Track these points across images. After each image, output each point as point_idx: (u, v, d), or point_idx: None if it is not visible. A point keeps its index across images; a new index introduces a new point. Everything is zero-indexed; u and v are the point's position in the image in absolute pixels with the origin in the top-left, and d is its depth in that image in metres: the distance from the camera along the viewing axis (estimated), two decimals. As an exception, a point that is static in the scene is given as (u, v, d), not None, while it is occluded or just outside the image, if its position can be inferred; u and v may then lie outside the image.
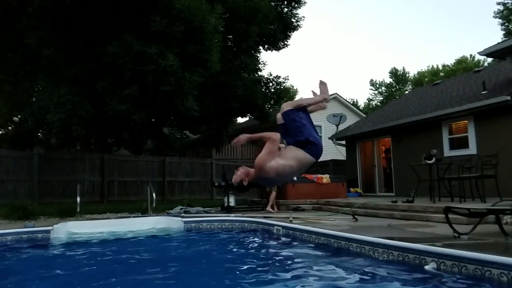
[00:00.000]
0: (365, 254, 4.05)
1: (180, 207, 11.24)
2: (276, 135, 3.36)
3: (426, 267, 3.29)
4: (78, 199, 8.72)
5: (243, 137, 3.46)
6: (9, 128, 21.89)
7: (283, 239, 5.53)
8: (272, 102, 17.65)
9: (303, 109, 3.47)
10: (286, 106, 3.52)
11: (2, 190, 11.70)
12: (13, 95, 15.00)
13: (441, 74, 43.18)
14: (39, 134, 18.94)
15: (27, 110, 12.59)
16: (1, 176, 11.77)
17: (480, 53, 11.27)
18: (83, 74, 11.76)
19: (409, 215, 7.93)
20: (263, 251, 5.15)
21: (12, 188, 11.85)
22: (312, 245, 4.75)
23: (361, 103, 50.31)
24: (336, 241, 4.57)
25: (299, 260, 4.15)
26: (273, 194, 10.80)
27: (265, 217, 7.47)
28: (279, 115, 3.60)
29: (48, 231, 6.18)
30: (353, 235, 4.48)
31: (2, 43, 12.56)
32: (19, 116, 19.16)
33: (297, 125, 3.35)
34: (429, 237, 5.09)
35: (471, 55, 43.16)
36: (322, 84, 3.74)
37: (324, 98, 3.66)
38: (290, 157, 3.28)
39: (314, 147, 3.32)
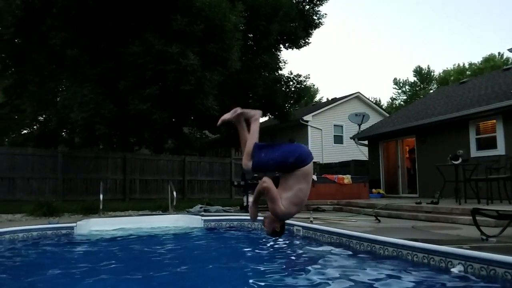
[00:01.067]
0: (388, 255, 3.93)
1: (200, 205, 11.27)
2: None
3: (453, 269, 3.17)
4: (101, 196, 8.87)
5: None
6: (35, 127, 22.53)
7: (303, 239, 5.46)
8: (292, 101, 17.47)
9: (257, 148, 3.02)
10: (245, 165, 3.05)
11: (27, 187, 12.01)
12: (38, 95, 15.40)
13: (468, 72, 42.01)
14: (63, 133, 19.42)
15: (52, 110, 12.89)
16: (26, 173, 12.07)
17: (509, 50, 10.88)
18: (106, 74, 11.95)
19: (434, 216, 7.68)
20: (282, 250, 5.08)
21: (37, 186, 12.15)
22: (333, 246, 4.66)
23: (384, 103, 49.58)
24: (358, 243, 4.47)
25: (319, 261, 4.06)
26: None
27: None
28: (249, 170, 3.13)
29: (72, 227, 6.38)
30: (376, 236, 4.36)
31: (27, 44, 12.88)
32: (44, 116, 19.69)
33: (269, 163, 2.95)
34: (455, 239, 4.90)
35: (499, 53, 41.87)
36: (240, 114, 3.19)
37: (254, 115, 3.24)
38: (291, 183, 2.90)
39: (299, 161, 2.88)
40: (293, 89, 17.26)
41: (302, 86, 17.35)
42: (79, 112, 10.57)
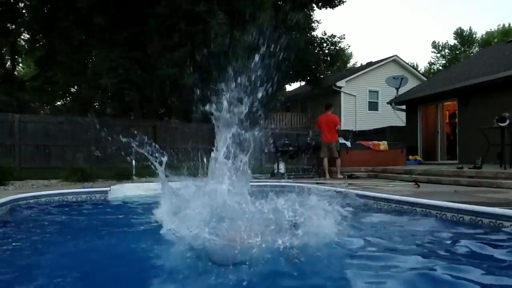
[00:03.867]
0: (432, 218, 3.67)
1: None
2: None
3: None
4: (134, 162, 8.94)
5: None
6: (68, 99, 23.11)
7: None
8: (325, 65, 16.74)
9: None
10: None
11: (62, 155, 12.36)
12: (69, 66, 15.54)
13: (514, 33, 39.21)
14: (95, 104, 19.74)
15: (82, 78, 12.95)
16: (61, 142, 12.40)
17: None
18: (133, 39, 11.78)
19: (477, 181, 7.32)
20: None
21: (71, 153, 12.47)
22: (372, 211, 4.40)
23: (421, 68, 47.35)
24: (398, 206, 4.20)
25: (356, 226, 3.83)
26: (325, 161, 10.44)
27: (317, 183, 7.17)
28: None
29: (106, 192, 6.42)
30: (419, 199, 4.09)
31: (55, 10, 12.73)
32: (75, 87, 20.05)
33: None
34: (504, 203, 4.53)
35: (549, 11, 38.63)
36: None
37: None
38: None
39: None
40: (326, 51, 16.51)
41: (337, 48, 16.55)
42: (108, 78, 10.55)
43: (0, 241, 3.00)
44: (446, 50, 46.61)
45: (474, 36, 45.03)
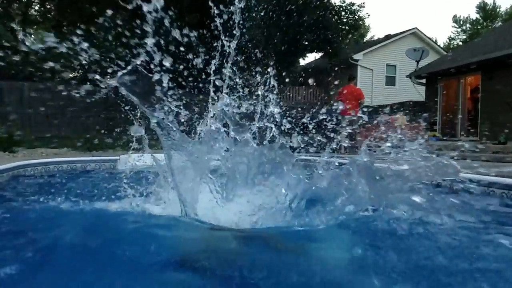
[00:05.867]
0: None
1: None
2: None
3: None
4: (143, 131, 8.76)
5: None
6: (80, 72, 23.06)
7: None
8: (343, 35, 15.95)
9: None
10: None
11: (72, 124, 12.37)
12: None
13: (541, 7, 37.42)
14: (108, 76, 19.53)
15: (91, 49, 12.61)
16: (71, 110, 12.34)
17: None
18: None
19: (501, 157, 6.95)
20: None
21: (81, 123, 12.47)
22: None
23: (441, 43, 45.80)
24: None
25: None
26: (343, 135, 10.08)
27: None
28: None
29: (115, 161, 6.34)
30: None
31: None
32: (87, 60, 19.89)
33: None
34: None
35: None
36: None
37: None
38: None
39: None
40: (344, 20, 15.73)
41: (356, 17, 15.77)
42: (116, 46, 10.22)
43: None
44: (468, 25, 44.92)
45: (497, 10, 43.18)
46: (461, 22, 45.17)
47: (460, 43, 43.02)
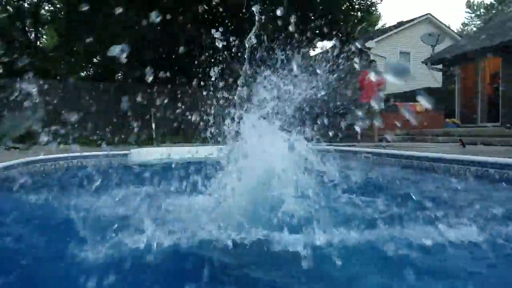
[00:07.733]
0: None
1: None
2: None
3: None
4: (154, 125, 8.72)
5: None
6: (90, 70, 23.12)
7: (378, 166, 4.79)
8: (355, 21, 15.36)
9: None
10: None
11: (82, 120, 12.26)
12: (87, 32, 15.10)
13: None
14: (118, 75, 19.43)
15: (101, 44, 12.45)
16: (81, 107, 12.25)
17: None
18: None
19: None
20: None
21: (92, 119, 12.33)
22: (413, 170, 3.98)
23: (454, 30, 44.70)
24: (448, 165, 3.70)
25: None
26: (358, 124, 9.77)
27: (348, 146, 6.68)
28: None
29: (126, 155, 6.64)
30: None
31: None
32: (97, 59, 19.89)
33: None
34: None
35: None
36: None
37: None
38: None
39: None
40: (356, 6, 15.18)
41: (368, 2, 15.20)
42: (125, 37, 10.05)
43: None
44: (482, 10, 43.82)
45: (513, -7, 41.96)
46: (475, 7, 44.12)
47: (474, 28, 42.02)
